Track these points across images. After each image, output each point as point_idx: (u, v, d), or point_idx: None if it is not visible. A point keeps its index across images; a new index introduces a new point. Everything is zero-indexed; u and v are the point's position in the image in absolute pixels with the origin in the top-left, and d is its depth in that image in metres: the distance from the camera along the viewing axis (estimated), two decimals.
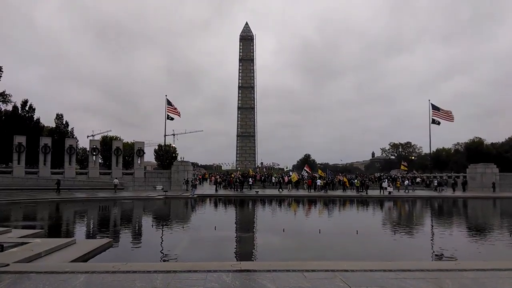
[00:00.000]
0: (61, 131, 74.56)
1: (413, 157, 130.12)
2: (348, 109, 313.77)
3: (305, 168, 64.50)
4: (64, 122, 77.77)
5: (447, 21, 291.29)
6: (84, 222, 25.30)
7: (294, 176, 57.95)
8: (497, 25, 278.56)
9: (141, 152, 52.82)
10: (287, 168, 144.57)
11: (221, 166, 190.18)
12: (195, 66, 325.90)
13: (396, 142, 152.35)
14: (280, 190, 50.81)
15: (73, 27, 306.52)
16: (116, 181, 46.79)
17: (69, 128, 78.27)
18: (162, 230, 20.59)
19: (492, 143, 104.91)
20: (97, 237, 17.62)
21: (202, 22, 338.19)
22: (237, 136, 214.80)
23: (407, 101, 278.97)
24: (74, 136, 75.62)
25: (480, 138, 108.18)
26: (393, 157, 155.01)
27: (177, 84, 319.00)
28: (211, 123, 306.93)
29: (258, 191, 47.84)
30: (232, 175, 62.03)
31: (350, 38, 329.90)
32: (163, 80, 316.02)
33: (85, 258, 11.85)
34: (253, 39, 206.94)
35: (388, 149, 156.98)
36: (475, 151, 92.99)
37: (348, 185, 53.59)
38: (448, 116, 60.67)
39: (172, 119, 58.77)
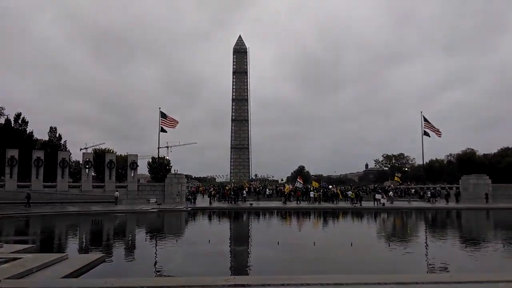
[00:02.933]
0: (54, 144, 74.03)
1: (406, 169, 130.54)
2: (346, 120, 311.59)
3: (298, 179, 64.40)
4: (57, 135, 77.28)
5: (449, 32, 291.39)
6: (76, 236, 25.04)
7: (287, 188, 57.91)
8: (499, 36, 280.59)
9: (134, 165, 52.57)
10: (282, 180, 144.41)
11: (215, 179, 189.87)
12: (193, 78, 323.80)
13: (389, 154, 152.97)
14: (287, 202, 50.39)
15: (70, 38, 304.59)
16: (117, 193, 47.03)
17: (62, 141, 77.75)
18: (156, 244, 20.42)
19: (484, 154, 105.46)
20: (90, 252, 17.45)
21: (201, 33, 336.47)
22: (231, 148, 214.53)
23: (405, 112, 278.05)
24: (67, 149, 75.02)
25: (472, 149, 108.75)
26: (386, 168, 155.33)
27: (174, 95, 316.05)
28: (206, 135, 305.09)
29: (252, 204, 47.65)
30: (227, 187, 61.86)
31: (351, 48, 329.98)
32: (161, 92, 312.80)
33: (77, 273, 11.70)
34: (246, 52, 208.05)
35: (382, 161, 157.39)
36: (468, 162, 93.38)
37: (341, 197, 53.51)
38: (437, 131, 61.67)
39: (165, 131, 58.75)
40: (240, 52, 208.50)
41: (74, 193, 48.86)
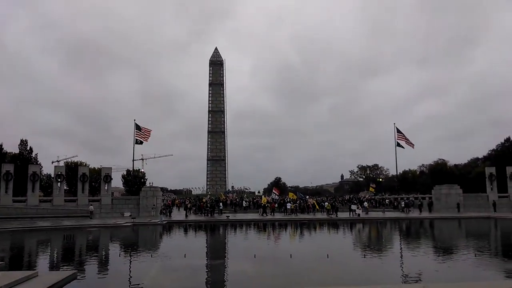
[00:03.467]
0: (24, 157, 72.09)
1: (381, 179, 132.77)
2: (323, 132, 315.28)
3: (273, 191, 64.56)
4: (28, 148, 75.40)
5: (425, 44, 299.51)
6: (47, 252, 24.32)
7: (264, 200, 57.92)
8: (472, 50, 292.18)
9: (108, 178, 51.58)
10: (259, 192, 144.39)
11: (191, 191, 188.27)
12: (170, 89, 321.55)
13: (364, 165, 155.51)
14: (265, 214, 49.86)
15: (45, 48, 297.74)
16: (91, 207, 46.00)
17: (33, 154, 75.86)
18: (130, 259, 20.01)
19: (455, 165, 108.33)
20: (61, 268, 16.97)
21: (179, 44, 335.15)
22: (208, 160, 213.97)
23: (380, 123, 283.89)
24: (38, 162, 73.13)
25: (444, 160, 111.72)
26: (361, 179, 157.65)
27: (150, 107, 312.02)
28: (183, 147, 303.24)
29: (229, 216, 47.39)
30: (203, 199, 61.40)
31: (329, 60, 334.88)
32: (137, 103, 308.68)
33: None
34: (222, 63, 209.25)
35: (357, 172, 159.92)
36: (440, 173, 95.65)
37: (318, 208, 53.88)
38: (410, 142, 62.51)
39: (141, 143, 57.88)
40: (216, 64, 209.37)
41: (45, 208, 47.47)
